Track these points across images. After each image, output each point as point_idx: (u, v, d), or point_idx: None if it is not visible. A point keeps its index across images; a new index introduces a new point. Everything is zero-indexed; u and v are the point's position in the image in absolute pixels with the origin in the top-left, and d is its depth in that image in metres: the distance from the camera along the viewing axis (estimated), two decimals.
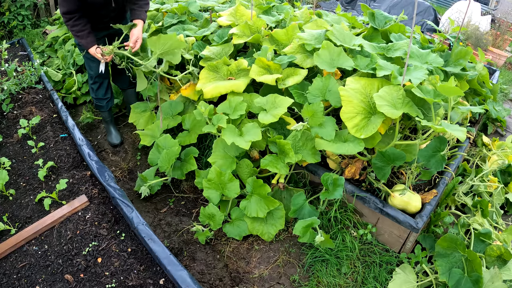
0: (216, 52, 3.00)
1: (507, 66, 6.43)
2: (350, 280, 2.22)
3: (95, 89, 3.00)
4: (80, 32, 2.51)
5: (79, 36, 2.53)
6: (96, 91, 3.00)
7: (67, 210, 2.33)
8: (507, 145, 3.23)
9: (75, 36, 2.55)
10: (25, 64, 3.65)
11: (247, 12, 3.32)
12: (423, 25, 7.03)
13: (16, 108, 3.40)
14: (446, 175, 2.63)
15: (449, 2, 9.54)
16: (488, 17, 7.34)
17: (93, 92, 3.03)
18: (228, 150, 2.49)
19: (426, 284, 2.12)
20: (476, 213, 2.48)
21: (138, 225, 2.15)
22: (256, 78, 2.57)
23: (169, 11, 3.67)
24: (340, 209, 2.43)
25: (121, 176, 2.84)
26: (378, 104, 2.07)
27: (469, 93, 3.28)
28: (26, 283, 1.97)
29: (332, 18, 3.44)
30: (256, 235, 2.42)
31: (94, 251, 2.13)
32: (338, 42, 2.58)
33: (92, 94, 3.06)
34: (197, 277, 2.14)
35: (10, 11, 5.15)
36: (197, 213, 2.57)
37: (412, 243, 2.29)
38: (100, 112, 3.19)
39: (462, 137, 1.95)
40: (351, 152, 2.10)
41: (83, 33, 2.52)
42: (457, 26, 3.47)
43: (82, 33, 2.51)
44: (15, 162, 2.79)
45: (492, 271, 1.92)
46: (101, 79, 2.95)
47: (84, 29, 2.51)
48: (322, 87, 2.40)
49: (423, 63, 2.57)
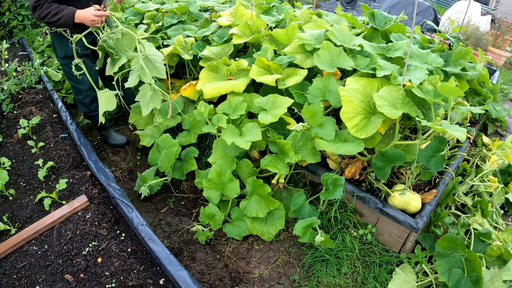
0: (216, 52, 3.00)
1: (507, 66, 6.43)
2: (350, 280, 2.22)
3: (87, 103, 2.82)
4: (58, 8, 2.26)
5: (59, 12, 2.26)
6: (89, 105, 2.83)
7: (67, 210, 2.33)
8: (507, 145, 3.23)
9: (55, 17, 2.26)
10: (25, 64, 3.65)
11: (247, 12, 3.32)
12: (423, 25, 7.03)
13: (16, 108, 3.40)
14: (446, 175, 2.63)
15: (449, 2, 9.54)
16: (488, 17, 7.34)
17: (86, 107, 2.84)
18: (228, 150, 2.49)
19: (426, 284, 2.12)
20: (476, 213, 2.48)
21: (138, 225, 2.15)
22: (256, 78, 2.57)
23: (169, 11, 3.67)
24: (340, 209, 2.43)
25: (121, 176, 2.84)
26: (378, 104, 2.07)
27: (469, 93, 3.28)
28: (26, 283, 1.97)
29: (332, 18, 3.45)
30: (256, 235, 2.42)
31: (94, 251, 2.13)
32: (338, 42, 2.58)
33: (84, 109, 2.87)
34: (197, 277, 2.14)
35: (10, 11, 5.15)
36: (197, 213, 2.57)
37: (412, 243, 2.29)
38: (95, 121, 2.94)
39: (462, 137, 1.95)
40: (351, 152, 2.10)
41: (61, 7, 2.27)
42: (457, 26, 3.47)
43: (60, 7, 2.27)
44: (15, 162, 2.79)
45: (492, 271, 1.93)
46: (94, 92, 2.74)
47: (59, 4, 2.29)
48: (322, 87, 2.40)
49: (423, 63, 2.57)
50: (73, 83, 2.76)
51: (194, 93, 2.88)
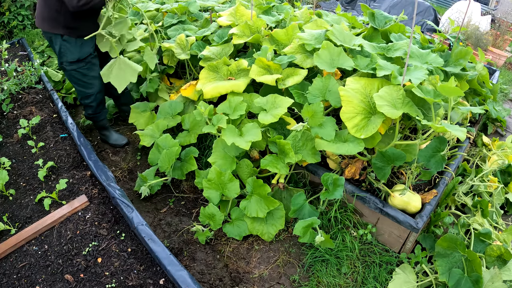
0: (216, 52, 3.00)
1: (507, 66, 6.43)
2: (350, 280, 2.22)
3: (95, 106, 2.81)
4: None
5: None
6: (96, 107, 2.83)
7: (67, 210, 2.33)
8: (507, 145, 3.23)
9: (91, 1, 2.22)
10: (25, 64, 3.65)
11: (247, 12, 3.32)
12: (423, 25, 7.03)
13: (16, 108, 3.40)
14: (446, 175, 2.63)
15: (449, 2, 9.55)
16: (488, 17, 7.34)
17: (92, 109, 2.83)
18: (228, 150, 2.49)
19: (426, 284, 2.12)
20: (476, 213, 2.48)
21: (138, 225, 2.15)
22: (256, 78, 2.57)
23: (169, 11, 3.67)
24: (340, 209, 2.43)
25: (121, 176, 2.84)
26: (378, 104, 2.07)
27: (469, 93, 3.28)
28: (26, 283, 1.97)
29: (332, 18, 3.45)
30: (256, 235, 2.42)
31: (94, 251, 2.13)
32: (338, 42, 2.58)
33: (90, 111, 2.86)
34: (197, 277, 2.14)
35: (10, 11, 5.15)
36: (197, 213, 2.57)
37: (412, 243, 2.29)
38: (98, 122, 3.00)
39: (462, 137, 1.95)
40: (351, 152, 2.10)
41: None
42: (457, 26, 3.47)
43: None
44: (15, 162, 2.79)
45: (492, 271, 1.92)
46: (102, 95, 2.75)
47: None
48: (322, 87, 2.40)
49: (423, 63, 2.57)
50: (82, 89, 2.72)
51: (194, 93, 2.88)
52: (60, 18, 2.41)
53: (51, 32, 2.46)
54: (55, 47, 2.55)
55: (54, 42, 2.52)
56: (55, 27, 2.43)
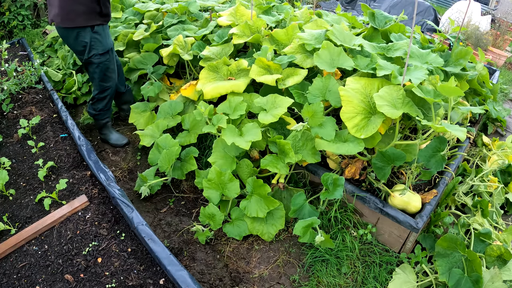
0: (216, 52, 3.00)
1: (507, 66, 6.43)
2: (350, 280, 2.22)
3: (106, 102, 2.82)
4: None
5: None
6: (107, 103, 2.84)
7: (67, 210, 2.33)
8: (507, 145, 3.23)
9: None
10: (25, 64, 3.65)
11: (247, 12, 3.32)
12: (423, 25, 7.03)
13: (16, 108, 3.40)
14: (446, 175, 2.63)
15: (449, 2, 9.55)
16: (488, 17, 7.34)
17: (103, 104, 2.83)
18: (228, 150, 2.49)
19: (426, 284, 2.12)
20: (476, 213, 2.48)
21: (138, 225, 2.15)
22: (256, 78, 2.57)
23: (169, 11, 3.67)
24: (340, 209, 2.43)
25: (121, 176, 2.84)
26: (378, 104, 2.07)
27: (469, 93, 3.28)
28: (26, 283, 1.97)
29: (332, 18, 3.45)
30: (256, 235, 2.42)
31: (94, 251, 2.13)
32: (338, 42, 2.58)
33: (100, 106, 2.86)
34: (197, 277, 2.14)
35: (10, 11, 5.15)
36: (197, 213, 2.57)
37: (412, 243, 2.29)
38: (102, 119, 3.01)
39: (462, 137, 1.95)
40: (351, 152, 2.10)
41: None
42: (457, 26, 3.47)
43: None
44: (15, 162, 2.79)
45: (492, 271, 1.92)
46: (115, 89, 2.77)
47: None
48: (322, 87, 2.40)
49: (423, 63, 2.57)
50: (102, 83, 2.75)
51: (194, 93, 2.88)
52: (96, 8, 2.42)
53: (83, 26, 2.42)
54: (82, 41, 2.51)
55: (83, 37, 2.48)
56: (91, 19, 2.42)
